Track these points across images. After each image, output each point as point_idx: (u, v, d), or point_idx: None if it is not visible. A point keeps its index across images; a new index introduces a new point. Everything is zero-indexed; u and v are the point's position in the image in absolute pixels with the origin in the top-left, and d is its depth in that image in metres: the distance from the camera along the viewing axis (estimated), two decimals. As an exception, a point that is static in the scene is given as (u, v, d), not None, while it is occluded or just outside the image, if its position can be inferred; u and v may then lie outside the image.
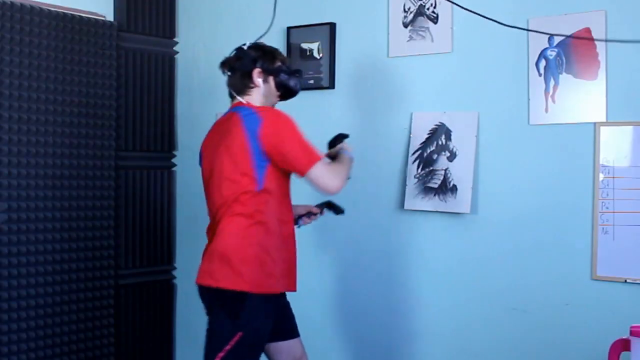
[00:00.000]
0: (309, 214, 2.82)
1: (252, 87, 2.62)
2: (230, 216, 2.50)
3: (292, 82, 2.64)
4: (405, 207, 3.12)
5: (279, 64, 2.65)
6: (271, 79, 2.62)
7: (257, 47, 2.67)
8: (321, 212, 2.85)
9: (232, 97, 2.68)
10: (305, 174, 2.48)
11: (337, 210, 2.84)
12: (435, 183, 3.04)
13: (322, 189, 2.52)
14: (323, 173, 2.48)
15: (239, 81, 2.63)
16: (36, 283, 3.22)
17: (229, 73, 2.67)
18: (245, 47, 2.66)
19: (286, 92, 2.67)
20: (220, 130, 2.61)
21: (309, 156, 2.48)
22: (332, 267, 3.38)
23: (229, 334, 2.46)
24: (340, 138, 2.81)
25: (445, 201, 3.01)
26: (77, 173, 3.40)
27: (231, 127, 2.53)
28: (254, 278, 2.47)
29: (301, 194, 2.73)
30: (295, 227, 2.72)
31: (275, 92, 2.65)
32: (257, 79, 2.60)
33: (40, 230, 3.24)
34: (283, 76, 2.62)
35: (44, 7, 3.28)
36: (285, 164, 2.50)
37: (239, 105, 2.62)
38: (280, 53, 2.72)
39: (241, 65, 2.62)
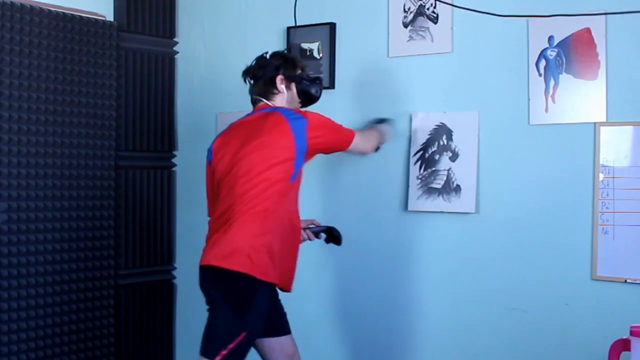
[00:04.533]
0: (310, 228, 2.86)
1: (276, 94, 2.75)
2: (248, 212, 2.54)
3: (314, 89, 2.82)
4: (409, 208, 3.12)
5: (299, 71, 2.79)
6: (293, 86, 2.77)
7: (278, 55, 2.82)
8: (317, 236, 2.89)
9: (254, 103, 2.79)
10: (348, 149, 2.83)
11: (334, 238, 2.89)
12: (439, 183, 3.04)
13: (360, 154, 2.98)
14: (357, 142, 2.83)
15: (262, 88, 2.75)
16: (36, 283, 3.22)
17: (252, 81, 2.79)
18: (267, 56, 2.80)
19: (307, 99, 2.82)
20: (249, 128, 2.67)
21: (346, 136, 2.79)
22: (334, 268, 3.37)
23: (234, 332, 2.48)
24: (379, 121, 3.12)
25: (450, 201, 3.01)
26: (77, 173, 3.40)
27: (271, 125, 2.60)
28: (264, 266, 2.52)
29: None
30: None
31: (297, 99, 2.79)
32: (281, 85, 2.74)
33: (40, 230, 3.24)
34: (305, 83, 2.79)
35: (44, 7, 3.28)
36: (331, 150, 2.79)
37: (268, 106, 2.72)
38: (300, 60, 2.88)
39: (264, 73, 2.75)
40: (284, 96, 2.75)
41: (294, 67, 2.79)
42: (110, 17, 3.63)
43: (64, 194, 3.34)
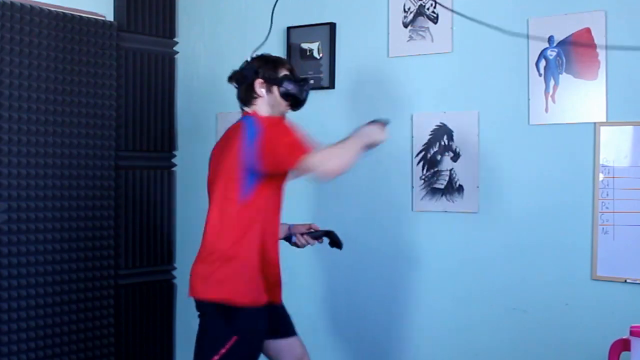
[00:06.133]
0: (308, 233, 2.78)
1: (256, 98, 2.60)
2: (218, 224, 2.51)
3: (297, 91, 2.61)
4: (415, 208, 3.12)
5: (284, 72, 2.62)
6: (275, 89, 2.60)
7: (259, 57, 2.67)
8: (319, 240, 2.79)
9: (242, 109, 2.70)
10: (296, 166, 2.36)
11: (335, 243, 2.77)
12: (442, 184, 3.05)
13: (318, 176, 2.38)
14: (314, 160, 2.33)
15: (244, 93, 2.63)
16: (36, 283, 3.22)
17: (237, 86, 2.68)
18: (248, 60, 2.67)
19: (293, 101, 2.63)
20: (226, 138, 2.63)
21: (296, 150, 2.36)
22: (338, 269, 3.37)
23: (224, 337, 2.46)
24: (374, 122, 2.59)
25: (453, 201, 3.02)
26: (77, 173, 3.39)
27: (235, 135, 2.54)
28: (241, 291, 2.48)
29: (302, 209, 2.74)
30: (290, 244, 2.77)
31: (281, 102, 2.61)
32: (260, 89, 2.59)
33: (40, 230, 3.24)
34: (287, 85, 2.59)
35: (44, 7, 3.28)
36: (276, 168, 2.44)
37: (247, 114, 2.63)
38: (285, 62, 2.70)
39: (244, 78, 2.62)
40: (265, 100, 2.60)
41: (275, 68, 2.61)
42: (110, 17, 3.63)
43: (64, 194, 3.34)
